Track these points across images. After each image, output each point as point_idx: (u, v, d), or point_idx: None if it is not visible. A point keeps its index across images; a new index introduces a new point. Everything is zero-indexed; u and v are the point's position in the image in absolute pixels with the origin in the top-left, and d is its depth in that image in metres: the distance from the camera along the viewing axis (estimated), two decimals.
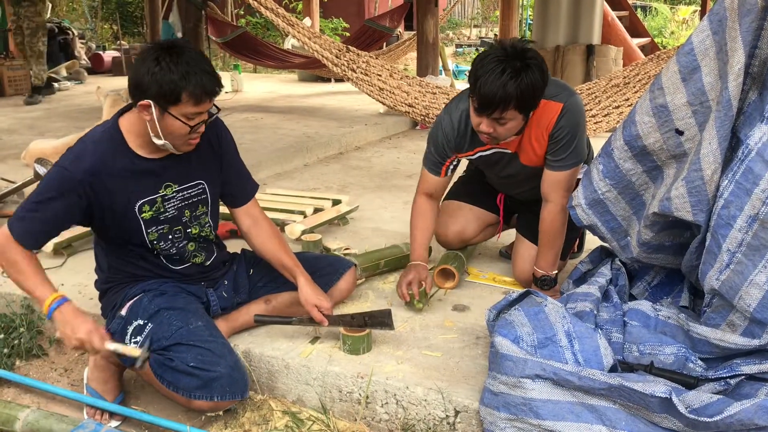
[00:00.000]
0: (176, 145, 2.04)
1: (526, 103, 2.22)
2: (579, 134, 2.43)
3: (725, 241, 1.85)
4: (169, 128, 1.98)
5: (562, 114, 2.38)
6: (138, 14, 14.28)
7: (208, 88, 1.95)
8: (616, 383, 1.70)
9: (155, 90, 1.91)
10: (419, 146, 5.82)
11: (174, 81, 1.90)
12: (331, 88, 8.91)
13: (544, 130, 2.42)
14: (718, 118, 1.84)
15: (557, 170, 2.46)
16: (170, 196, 2.14)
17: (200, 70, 1.93)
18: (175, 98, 1.92)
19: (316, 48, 4.64)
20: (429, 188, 2.66)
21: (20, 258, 2.00)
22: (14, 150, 4.96)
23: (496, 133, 2.30)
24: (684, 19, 15.68)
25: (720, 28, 1.89)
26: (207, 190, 2.22)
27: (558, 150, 2.43)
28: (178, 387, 1.97)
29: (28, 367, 2.51)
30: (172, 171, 2.13)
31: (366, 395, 2.07)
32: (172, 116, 1.95)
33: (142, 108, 1.97)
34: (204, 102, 1.97)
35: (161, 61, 1.90)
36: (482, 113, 2.25)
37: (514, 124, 2.29)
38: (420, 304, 2.50)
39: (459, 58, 13.35)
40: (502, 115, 2.22)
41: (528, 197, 2.76)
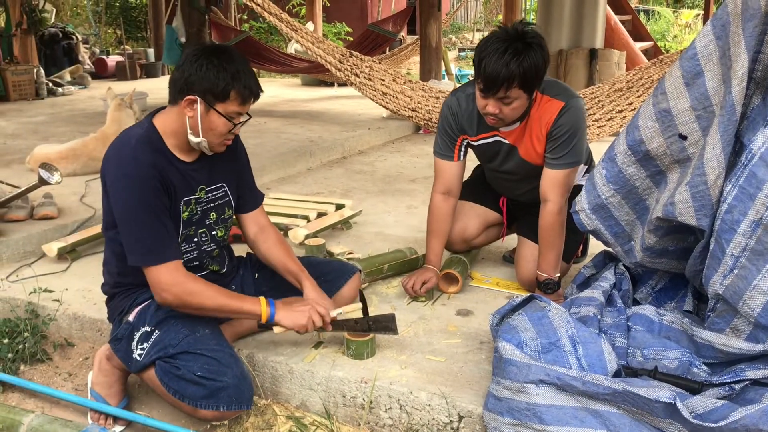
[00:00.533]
0: (212, 143, 2.09)
1: (529, 81, 2.29)
2: (579, 134, 2.47)
3: (729, 245, 1.85)
4: (212, 125, 2.04)
5: (562, 112, 2.44)
6: (142, 19, 14.33)
7: (254, 90, 2.05)
8: (620, 388, 1.70)
9: (205, 86, 1.99)
10: (422, 150, 5.83)
11: (225, 78, 1.98)
12: (335, 92, 8.93)
13: (543, 126, 2.47)
14: (722, 123, 1.84)
15: (555, 168, 2.50)
16: (202, 198, 2.18)
17: (249, 72, 2.04)
18: (223, 95, 2.00)
19: (320, 53, 4.65)
20: (445, 181, 2.68)
21: (202, 286, 2.04)
22: (18, 155, 4.97)
23: (502, 114, 2.37)
24: (687, 22, 15.68)
25: (723, 33, 1.89)
26: (228, 193, 2.26)
27: (557, 148, 2.47)
28: (184, 396, 1.97)
29: (32, 372, 2.51)
30: (203, 173, 2.17)
31: (370, 400, 2.07)
32: (217, 113, 2.02)
33: (187, 103, 2.02)
34: (248, 103, 2.06)
35: (213, 59, 1.98)
36: (488, 94, 2.32)
37: (518, 104, 2.36)
38: (422, 299, 2.60)
39: (462, 62, 13.36)
40: (506, 93, 2.29)
41: (528, 199, 2.77)
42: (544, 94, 2.48)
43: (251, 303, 2.10)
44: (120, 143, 2.07)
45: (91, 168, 4.41)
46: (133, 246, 2.01)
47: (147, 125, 2.10)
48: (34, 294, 2.75)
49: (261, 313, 2.09)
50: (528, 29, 2.29)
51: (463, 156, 2.68)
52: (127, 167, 2.00)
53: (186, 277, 2.03)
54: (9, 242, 3.18)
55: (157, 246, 2.00)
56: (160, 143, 2.08)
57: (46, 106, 7.66)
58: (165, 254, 2.01)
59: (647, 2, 18.27)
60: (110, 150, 2.08)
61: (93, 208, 3.67)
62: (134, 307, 2.14)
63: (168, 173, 2.06)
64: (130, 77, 10.12)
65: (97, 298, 2.71)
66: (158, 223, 2.01)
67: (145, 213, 1.99)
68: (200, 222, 2.19)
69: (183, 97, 2.01)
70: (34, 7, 9.20)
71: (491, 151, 2.65)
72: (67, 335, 2.68)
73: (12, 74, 8.01)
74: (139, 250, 2.00)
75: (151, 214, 1.99)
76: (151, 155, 2.03)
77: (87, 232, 3.32)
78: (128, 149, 2.03)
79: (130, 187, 1.98)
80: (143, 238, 2.00)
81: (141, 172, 1.99)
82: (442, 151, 2.67)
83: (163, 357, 2.01)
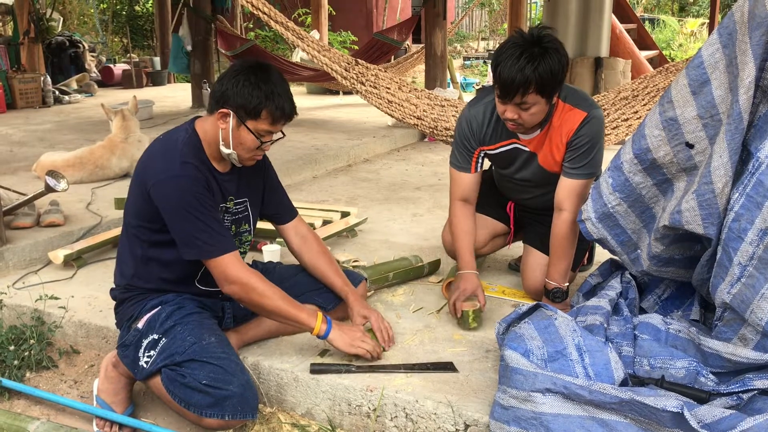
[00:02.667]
0: (242, 157, 2.13)
1: (546, 86, 2.27)
2: (598, 146, 2.47)
3: (736, 254, 1.85)
4: (241, 140, 2.08)
5: (584, 123, 2.43)
6: (148, 27, 14.39)
7: (286, 111, 2.08)
8: (627, 397, 1.69)
9: (239, 101, 2.03)
10: (427, 158, 5.84)
11: (258, 97, 2.02)
12: (340, 100, 8.95)
13: (564, 135, 2.46)
14: (729, 131, 1.84)
15: (573, 178, 2.49)
16: (230, 208, 2.21)
17: (284, 93, 2.06)
18: (255, 113, 2.04)
19: (326, 61, 4.66)
20: (463, 192, 2.68)
21: (265, 285, 2.10)
22: (25, 162, 4.99)
23: (521, 120, 2.36)
24: (692, 31, 15.68)
25: (730, 41, 1.89)
26: (248, 208, 2.29)
27: (576, 158, 2.46)
28: (189, 404, 1.97)
29: (38, 379, 2.52)
30: (232, 185, 2.22)
31: (376, 408, 2.07)
32: (247, 129, 2.05)
33: (221, 115, 2.07)
34: (279, 123, 2.08)
35: (251, 77, 2.02)
36: (505, 99, 2.32)
37: (537, 109, 2.33)
38: (474, 323, 2.46)
39: (467, 71, 13.38)
40: (523, 99, 2.28)
41: (538, 205, 2.77)
42: (567, 103, 2.46)
43: (307, 314, 2.14)
44: (165, 146, 2.13)
45: (98, 176, 4.43)
46: (191, 240, 2.05)
47: (191, 131, 2.15)
48: (40, 301, 2.76)
49: (315, 327, 2.13)
50: (545, 33, 2.28)
51: (480, 167, 2.68)
52: (176, 169, 2.05)
53: (249, 272, 2.09)
54: (15, 249, 3.19)
55: (216, 238, 2.06)
56: (201, 149, 2.13)
57: (53, 114, 7.70)
58: (225, 245, 2.07)
59: (652, 11, 18.29)
60: (154, 151, 2.13)
61: (99, 216, 3.68)
62: (143, 314, 2.14)
63: (208, 179, 2.11)
64: (137, 85, 10.16)
65: (102, 306, 2.71)
66: (212, 217, 2.06)
67: (200, 207, 2.04)
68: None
69: (218, 109, 2.07)
70: (42, 16, 9.26)
71: (509, 158, 2.64)
72: (72, 342, 2.68)
73: (19, 82, 8.05)
74: (199, 243, 2.04)
75: (205, 209, 2.05)
76: (196, 159, 2.09)
77: (93, 239, 3.33)
78: (175, 152, 2.08)
79: (182, 185, 2.03)
80: (201, 230, 2.04)
81: (190, 173, 2.05)
82: (459, 164, 2.67)
83: (169, 365, 2.02)
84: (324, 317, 2.16)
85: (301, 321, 2.12)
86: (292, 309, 2.12)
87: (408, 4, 14.62)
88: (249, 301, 2.10)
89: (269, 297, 2.09)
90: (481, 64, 13.60)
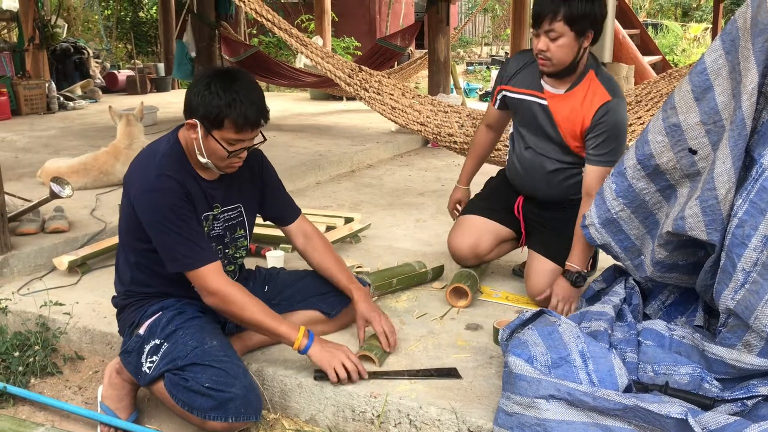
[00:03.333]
0: (218, 166, 2.10)
1: (574, 19, 2.42)
2: (622, 132, 2.57)
3: (740, 260, 1.85)
4: (211, 149, 2.05)
5: (609, 105, 2.53)
6: (152, 34, 14.44)
7: (250, 118, 2.00)
8: (631, 404, 1.69)
9: (202, 112, 2.00)
10: (431, 164, 5.84)
11: (219, 106, 1.97)
12: (343, 106, 8.96)
13: (587, 107, 2.55)
14: (732, 138, 1.84)
15: (600, 165, 2.56)
16: (217, 215, 2.20)
17: (246, 100, 1.99)
18: (218, 123, 2.00)
19: (329, 67, 4.66)
20: (488, 118, 3.00)
21: (245, 297, 2.08)
22: (30, 168, 5.01)
23: (550, 53, 2.48)
24: (695, 36, 15.66)
25: (733, 47, 1.90)
26: (243, 214, 2.28)
27: (600, 144, 2.55)
28: (192, 407, 1.97)
29: (42, 385, 2.52)
30: (219, 192, 2.20)
31: (379, 415, 2.07)
32: (214, 139, 2.02)
33: (189, 126, 2.05)
34: (245, 131, 2.02)
35: (211, 86, 1.98)
36: (537, 27, 2.49)
37: (565, 42, 2.46)
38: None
39: (470, 76, 13.39)
40: (551, 26, 2.43)
41: (549, 195, 2.79)
42: (598, 79, 2.58)
43: (288, 327, 2.11)
44: (146, 157, 2.13)
45: (102, 182, 4.44)
46: (171, 253, 2.05)
47: (173, 140, 2.14)
48: (45, 307, 2.76)
49: (295, 341, 2.09)
50: None
51: (499, 106, 2.89)
52: (151, 182, 2.04)
53: (228, 284, 2.08)
54: (20, 255, 3.20)
55: (194, 250, 2.05)
56: (184, 158, 2.12)
57: (57, 120, 7.72)
58: (204, 257, 2.06)
59: (655, 16, 18.29)
60: (136, 162, 2.14)
61: (104, 222, 3.68)
62: (144, 320, 2.15)
63: (190, 187, 2.10)
64: (141, 91, 10.18)
65: (107, 312, 2.72)
66: (190, 228, 2.05)
67: (177, 219, 2.03)
68: (219, 238, 2.22)
69: (187, 119, 2.06)
70: (47, 23, 9.28)
71: (528, 113, 2.72)
72: (77, 348, 2.69)
73: (24, 88, 8.07)
74: (178, 256, 2.04)
75: (182, 221, 2.04)
76: (174, 170, 2.07)
77: (98, 245, 3.34)
78: (153, 164, 2.08)
79: (156, 199, 2.02)
80: (179, 243, 2.04)
81: (165, 185, 2.03)
82: (491, 93, 2.96)
83: (171, 369, 2.02)
84: (306, 332, 2.12)
85: (280, 334, 2.09)
86: (272, 322, 2.09)
87: (411, 10, 14.65)
88: (229, 313, 2.09)
89: (248, 309, 2.07)
90: (484, 69, 13.60)
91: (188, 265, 2.05)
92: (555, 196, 2.77)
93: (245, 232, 2.31)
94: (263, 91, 2.07)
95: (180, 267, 2.06)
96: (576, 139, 2.62)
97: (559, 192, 2.75)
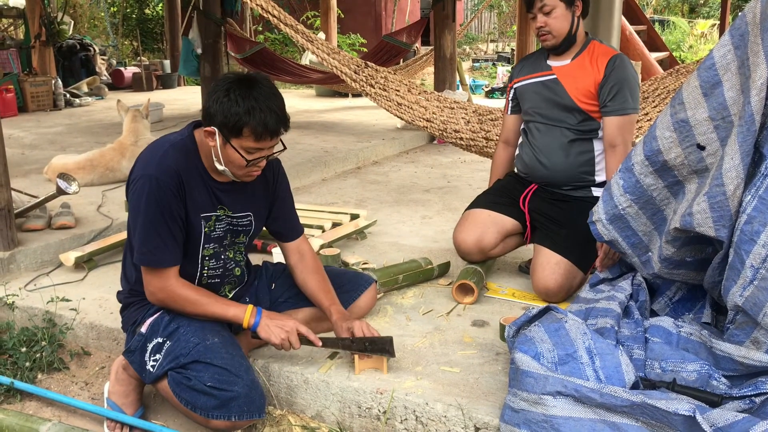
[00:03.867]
0: (236, 174, 2.08)
1: None
2: (634, 82, 2.75)
3: (748, 257, 1.83)
4: (229, 158, 2.03)
5: (617, 58, 2.74)
6: (158, 31, 14.45)
7: (270, 126, 1.96)
8: (639, 401, 1.68)
9: (220, 119, 1.96)
10: (436, 161, 5.83)
11: (238, 114, 1.93)
12: (349, 103, 8.96)
13: (596, 64, 2.76)
14: (741, 133, 1.83)
15: (619, 114, 2.73)
16: (222, 217, 2.17)
17: (266, 108, 1.95)
18: (237, 131, 1.96)
19: (335, 64, 4.65)
20: (504, 133, 3.13)
21: (189, 291, 2.09)
22: (36, 165, 5.02)
23: (549, 27, 2.75)
24: (702, 32, 15.59)
25: (742, 42, 1.88)
26: (253, 222, 2.26)
27: (615, 96, 2.72)
28: (195, 406, 1.98)
29: (49, 381, 2.53)
30: (228, 196, 2.17)
31: (386, 411, 2.07)
32: (233, 147, 1.99)
33: (207, 134, 2.03)
34: (264, 139, 1.98)
35: (231, 93, 1.94)
36: (530, 9, 2.76)
37: (559, 13, 2.73)
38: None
39: (476, 73, 13.36)
40: (543, 2, 2.70)
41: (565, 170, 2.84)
42: (601, 44, 2.83)
43: (236, 310, 2.11)
44: (154, 146, 2.12)
45: (108, 178, 4.45)
46: (138, 244, 2.06)
47: (187, 134, 2.12)
48: (52, 303, 2.77)
49: (243, 321, 2.10)
50: None
51: (512, 110, 3.06)
52: (150, 168, 2.02)
53: (175, 285, 2.08)
54: (27, 251, 3.21)
55: (157, 248, 2.04)
56: (195, 155, 2.10)
57: (64, 117, 7.74)
58: (163, 258, 2.05)
59: (662, 12, 18.22)
60: (143, 151, 2.13)
61: (110, 218, 3.69)
62: (146, 318, 2.15)
63: (192, 185, 2.07)
64: (147, 88, 10.20)
65: (113, 308, 2.72)
66: (164, 226, 2.03)
67: (156, 215, 2.01)
68: (219, 240, 2.20)
69: (205, 126, 2.03)
70: (53, 20, 9.30)
71: (540, 93, 2.88)
72: (83, 344, 2.70)
73: (30, 85, 8.09)
74: (141, 249, 2.05)
75: (161, 218, 2.02)
76: (178, 162, 2.05)
77: (104, 241, 3.34)
78: (159, 152, 2.06)
79: (148, 187, 2.01)
80: (148, 238, 2.03)
81: (160, 175, 2.01)
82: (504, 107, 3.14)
83: (175, 367, 2.02)
84: (255, 310, 2.11)
85: (230, 317, 2.10)
86: (220, 308, 2.10)
87: (417, 6, 14.62)
88: (178, 311, 2.10)
89: (196, 305, 2.08)
90: (490, 66, 13.57)
91: (152, 262, 2.05)
92: (568, 171, 2.84)
93: (245, 239, 2.28)
94: (284, 99, 2.03)
95: (143, 261, 2.06)
96: (590, 97, 2.77)
97: (574, 167, 2.83)
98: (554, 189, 2.90)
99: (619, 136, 2.74)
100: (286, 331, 2.10)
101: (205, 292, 2.13)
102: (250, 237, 2.30)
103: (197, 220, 2.11)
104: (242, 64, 7.91)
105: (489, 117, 4.59)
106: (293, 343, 2.10)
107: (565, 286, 2.68)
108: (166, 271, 2.06)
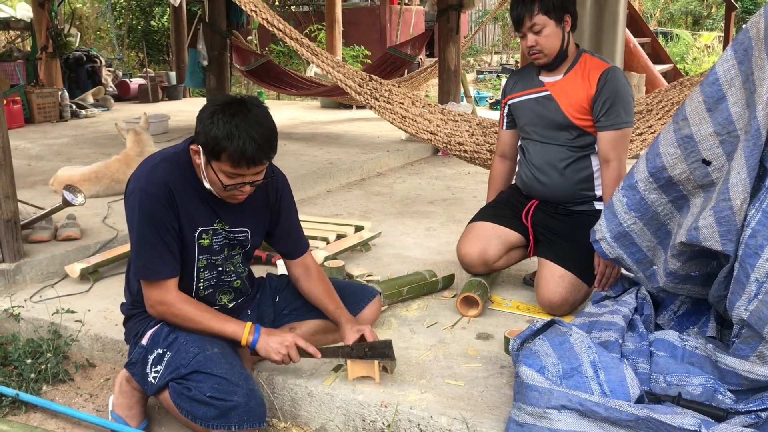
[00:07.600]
0: (219, 195, 2.08)
1: (549, 7, 2.63)
2: (626, 96, 2.71)
3: (753, 270, 1.83)
4: (211, 179, 2.03)
5: (608, 74, 2.70)
6: (164, 43, 14.55)
7: (248, 154, 1.92)
8: (644, 415, 1.68)
9: (202, 140, 1.97)
10: (441, 172, 5.84)
11: (217, 138, 1.93)
12: (353, 114, 8.98)
13: (588, 78, 2.72)
14: (747, 148, 1.83)
15: (612, 129, 2.71)
16: (219, 231, 2.17)
17: (246, 135, 1.91)
18: (215, 155, 1.96)
19: (340, 77, 4.67)
20: (500, 147, 3.13)
21: (188, 306, 2.09)
22: (42, 176, 5.04)
23: (540, 45, 2.70)
24: (706, 45, 15.62)
25: (746, 57, 1.89)
26: (249, 238, 2.26)
27: (608, 111, 2.69)
28: (196, 417, 1.97)
29: (54, 392, 2.53)
30: (225, 210, 2.16)
31: (390, 424, 2.06)
32: (212, 169, 2.00)
33: (193, 151, 2.04)
34: (241, 167, 1.95)
35: (215, 115, 1.94)
36: (519, 29, 2.71)
37: (549, 31, 2.68)
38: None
39: (480, 85, 13.40)
40: (532, 21, 2.65)
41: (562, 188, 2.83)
42: (592, 56, 2.79)
43: (234, 326, 2.11)
44: (147, 160, 2.13)
45: (114, 190, 4.47)
46: (134, 258, 2.07)
47: (182, 149, 2.12)
48: (57, 314, 2.78)
49: (242, 338, 2.09)
50: None
51: (507, 126, 3.05)
52: (140, 181, 2.04)
53: (175, 299, 2.08)
54: (33, 263, 3.22)
55: (154, 261, 2.04)
56: (189, 168, 2.10)
57: (70, 128, 7.77)
58: (160, 271, 2.06)
59: (666, 25, 18.26)
60: (138, 166, 2.14)
61: (115, 230, 3.70)
62: (147, 330, 2.15)
63: (186, 197, 2.07)
64: (152, 100, 10.25)
65: (118, 319, 2.72)
66: (159, 239, 2.04)
67: (148, 227, 2.02)
68: (217, 252, 2.20)
69: (194, 144, 2.04)
70: (60, 32, 9.37)
71: (534, 110, 2.86)
72: (88, 356, 2.70)
73: (37, 97, 8.13)
74: (137, 263, 2.06)
75: (154, 229, 2.03)
76: (169, 175, 2.05)
77: (109, 253, 3.35)
78: (149, 166, 2.08)
79: (139, 200, 2.02)
80: (142, 250, 2.05)
81: (150, 188, 2.02)
82: (498, 122, 3.17)
83: (176, 378, 2.02)
84: (253, 328, 2.11)
85: (228, 333, 2.10)
86: (218, 324, 2.09)
87: (421, 18, 14.68)
88: (177, 325, 2.10)
89: (195, 320, 2.08)
90: (494, 77, 13.61)
91: (149, 275, 2.06)
92: (567, 190, 2.83)
93: (241, 251, 2.27)
94: (274, 127, 2.00)
95: (139, 274, 2.07)
96: (583, 113, 2.73)
97: (573, 185, 2.82)
98: (556, 204, 2.90)
99: (612, 151, 2.71)
100: (286, 346, 2.09)
101: (205, 308, 2.13)
102: (246, 251, 2.29)
103: (193, 234, 2.11)
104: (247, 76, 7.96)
105: (493, 129, 4.60)
106: (293, 357, 2.11)
107: (569, 299, 2.68)
108: (164, 283, 2.07)
